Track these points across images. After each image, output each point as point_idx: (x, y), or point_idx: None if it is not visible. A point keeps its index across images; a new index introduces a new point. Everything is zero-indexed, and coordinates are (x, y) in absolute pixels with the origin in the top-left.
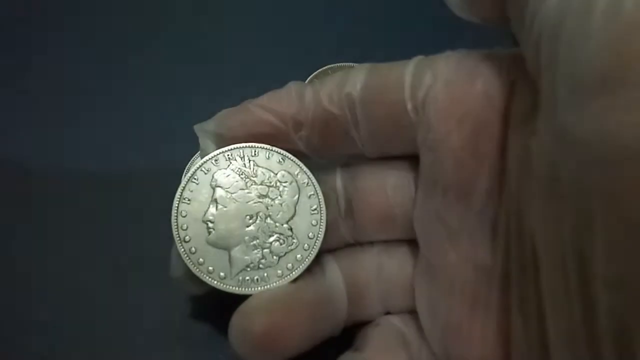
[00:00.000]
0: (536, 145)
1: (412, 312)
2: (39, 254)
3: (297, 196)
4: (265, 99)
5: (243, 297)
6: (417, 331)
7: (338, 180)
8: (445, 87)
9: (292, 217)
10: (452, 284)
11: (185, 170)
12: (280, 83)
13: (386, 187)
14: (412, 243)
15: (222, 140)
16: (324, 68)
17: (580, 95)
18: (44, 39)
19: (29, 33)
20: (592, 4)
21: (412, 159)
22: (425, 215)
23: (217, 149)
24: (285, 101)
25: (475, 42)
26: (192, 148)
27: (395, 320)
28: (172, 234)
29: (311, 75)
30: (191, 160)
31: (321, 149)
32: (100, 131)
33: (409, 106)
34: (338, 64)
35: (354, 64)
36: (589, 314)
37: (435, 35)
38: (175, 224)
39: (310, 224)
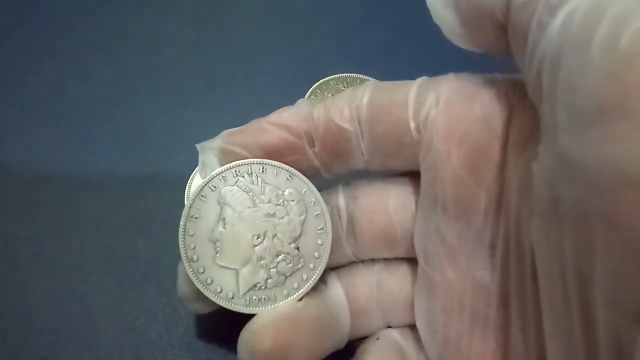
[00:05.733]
0: (537, 169)
1: (413, 327)
2: (43, 263)
3: (304, 216)
4: (277, 117)
5: (249, 314)
6: (416, 345)
7: (340, 199)
8: (446, 109)
9: (299, 237)
10: (451, 301)
11: (187, 185)
12: (282, 95)
13: (388, 206)
14: (412, 261)
15: (229, 158)
16: (325, 80)
17: (580, 123)
18: (50, 45)
19: (34, 37)
20: (591, 36)
21: (413, 178)
22: (425, 233)
23: (221, 167)
24: (298, 118)
25: (470, 57)
26: (195, 159)
27: (395, 334)
28: (179, 252)
29: (313, 87)
30: (192, 175)
31: (331, 164)
32: (106, 141)
33: (412, 125)
34: (339, 75)
35: (355, 75)
36: (589, 333)
37: (431, 49)
38: (184, 243)
39: (317, 244)
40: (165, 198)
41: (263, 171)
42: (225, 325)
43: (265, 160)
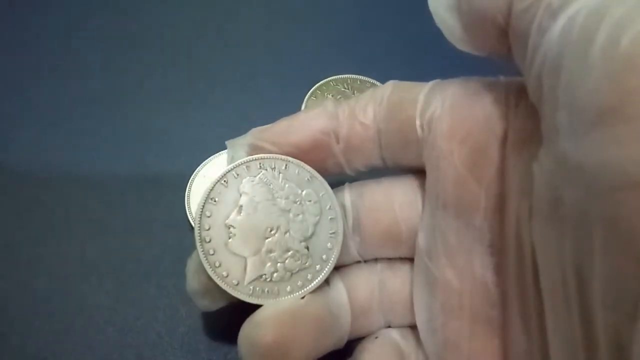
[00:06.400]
0: (537, 169)
1: (412, 327)
2: (43, 263)
3: (318, 217)
4: (305, 115)
5: (249, 311)
6: (415, 345)
7: (346, 196)
8: (450, 109)
9: (310, 237)
10: (450, 299)
11: (188, 186)
12: (282, 96)
13: (393, 204)
14: (414, 261)
15: (258, 153)
16: (325, 80)
17: (581, 126)
18: (51, 45)
19: (34, 38)
20: (591, 39)
21: (420, 177)
22: (428, 230)
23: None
24: (325, 116)
25: (470, 59)
26: (196, 159)
27: (394, 333)
28: (181, 244)
29: (313, 88)
30: (193, 175)
31: (354, 160)
32: (106, 141)
33: (418, 123)
34: (339, 76)
35: (355, 76)
36: (588, 332)
37: (431, 50)
38: (199, 222)
39: (326, 247)
40: (165, 198)
41: (286, 168)
42: (225, 326)
43: (289, 158)
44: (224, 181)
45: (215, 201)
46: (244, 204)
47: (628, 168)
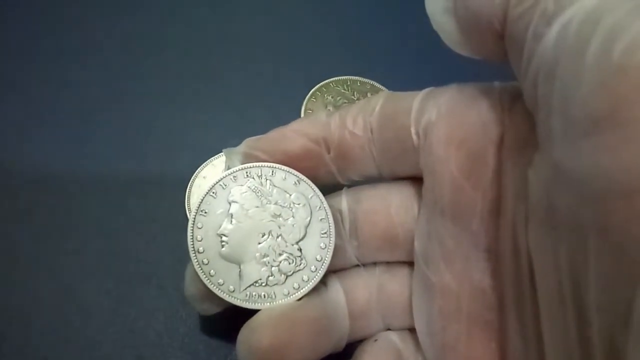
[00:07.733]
0: (533, 176)
1: (412, 330)
2: (44, 262)
3: (308, 219)
4: (297, 125)
5: (249, 312)
6: (414, 348)
7: (343, 201)
8: (446, 115)
9: (302, 239)
10: (448, 303)
11: (188, 187)
12: (282, 97)
13: (390, 207)
14: (412, 265)
15: (251, 162)
16: (325, 82)
17: (574, 133)
18: (51, 45)
19: (35, 38)
20: (585, 48)
21: (416, 182)
22: (425, 235)
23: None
24: (316, 126)
25: (469, 61)
26: (196, 160)
27: (393, 336)
28: (181, 245)
29: (312, 89)
30: (193, 177)
31: (346, 169)
32: (106, 141)
33: (413, 131)
34: (339, 77)
35: (355, 77)
36: (583, 336)
37: (431, 51)
38: (191, 235)
39: (319, 247)
40: (165, 199)
41: (272, 174)
42: (225, 327)
43: (275, 165)
44: (213, 192)
45: (205, 212)
46: (234, 212)
47: (619, 176)
